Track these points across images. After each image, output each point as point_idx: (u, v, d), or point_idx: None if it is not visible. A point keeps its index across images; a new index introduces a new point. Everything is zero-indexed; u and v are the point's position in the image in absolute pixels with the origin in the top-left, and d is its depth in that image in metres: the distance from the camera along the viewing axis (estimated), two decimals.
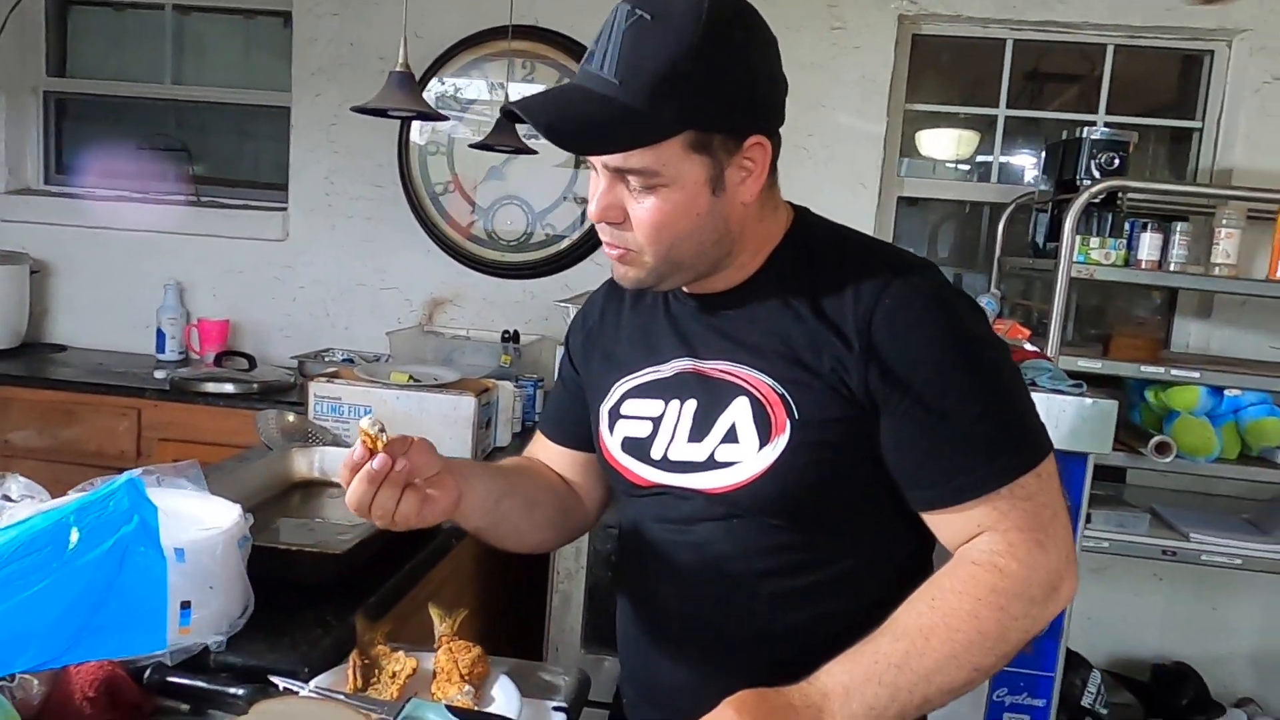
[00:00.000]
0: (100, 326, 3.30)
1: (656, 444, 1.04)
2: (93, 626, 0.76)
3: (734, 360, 1.00)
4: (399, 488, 0.94)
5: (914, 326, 0.93)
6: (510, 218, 3.11)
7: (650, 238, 0.94)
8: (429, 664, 1.10)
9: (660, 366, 1.06)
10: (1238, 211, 2.35)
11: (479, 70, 3.05)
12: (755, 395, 0.97)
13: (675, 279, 1.00)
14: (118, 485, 0.76)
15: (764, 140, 0.95)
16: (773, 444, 0.95)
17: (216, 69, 3.40)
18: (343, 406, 2.03)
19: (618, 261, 0.99)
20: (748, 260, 1.02)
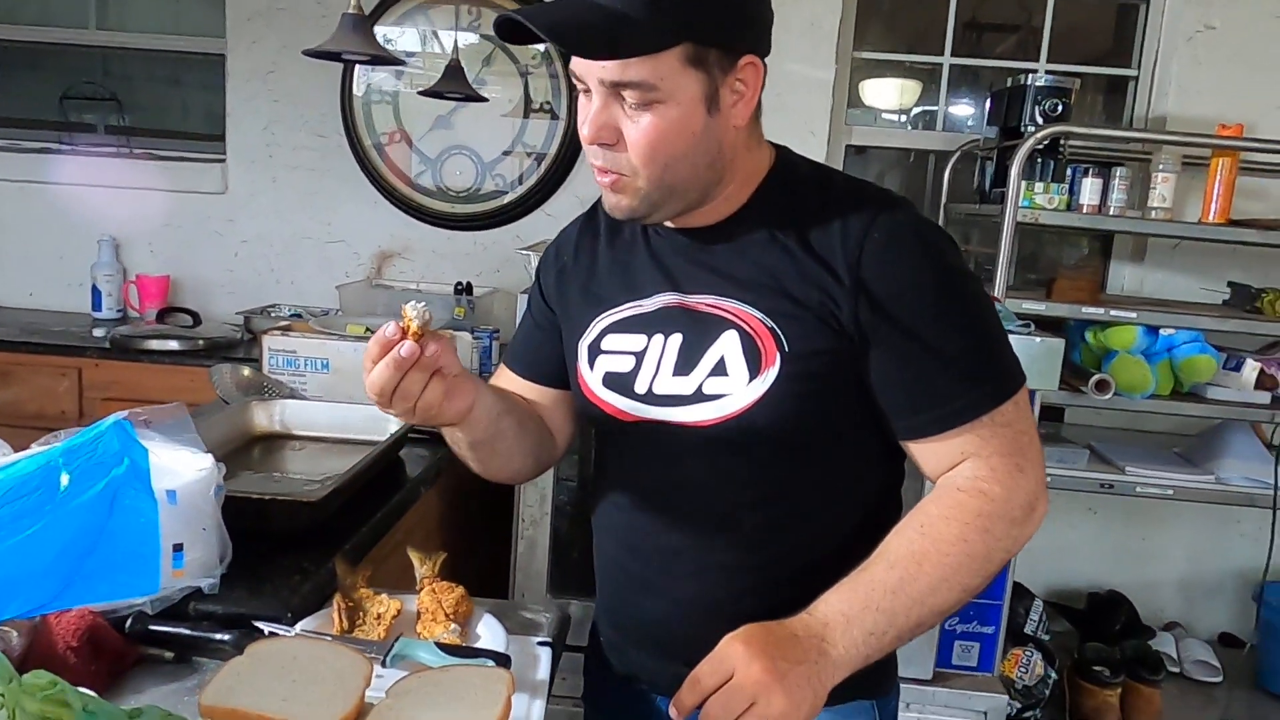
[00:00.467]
0: (30, 284, 3.18)
1: (640, 378, 1.03)
2: (84, 571, 0.75)
3: (721, 294, 1.00)
4: (427, 374, 0.91)
5: (902, 260, 0.95)
6: (459, 168, 3.06)
7: (645, 157, 0.93)
8: (412, 605, 1.11)
9: (642, 301, 1.05)
10: (1173, 157, 2.43)
11: (423, 18, 2.98)
12: (744, 328, 0.97)
13: (667, 207, 0.99)
14: (105, 427, 0.74)
15: (756, 61, 0.95)
16: (762, 376, 0.96)
17: (145, 14, 3.26)
18: (298, 360, 2.00)
19: (609, 189, 0.98)
20: (734, 193, 1.02)
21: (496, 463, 1.13)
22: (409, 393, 0.90)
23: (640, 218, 1.00)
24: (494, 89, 2.99)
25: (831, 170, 1.07)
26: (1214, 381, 2.50)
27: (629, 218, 1.00)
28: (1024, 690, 2.39)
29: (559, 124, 3.01)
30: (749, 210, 1.02)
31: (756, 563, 1.03)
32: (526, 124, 3.03)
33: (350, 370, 1.98)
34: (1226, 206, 2.43)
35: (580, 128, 0.96)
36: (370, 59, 1.81)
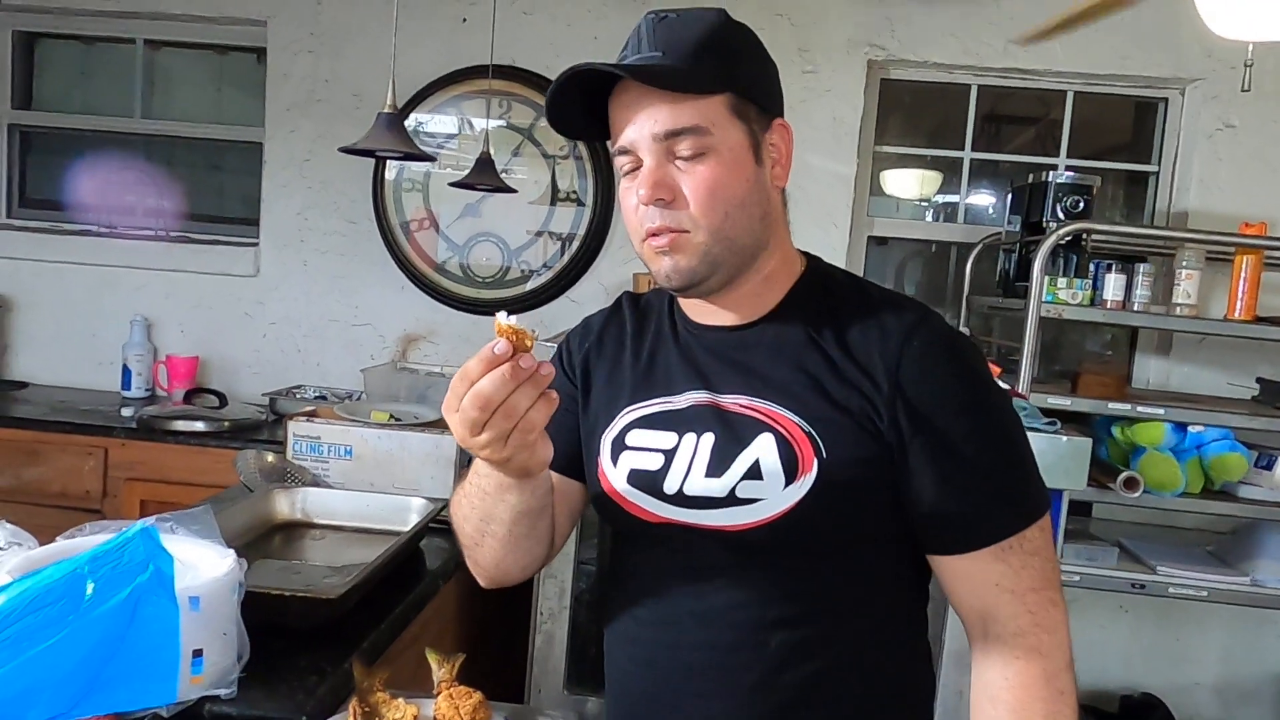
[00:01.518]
0: (64, 363, 3.24)
1: (670, 477, 0.99)
2: (104, 679, 0.75)
3: (757, 395, 0.98)
4: (538, 391, 0.84)
5: (939, 370, 0.95)
6: (486, 254, 3.12)
7: (706, 205, 0.93)
8: (428, 710, 1.09)
9: (673, 398, 1.03)
10: (1196, 253, 2.43)
11: (454, 108, 3.07)
12: (781, 432, 0.95)
13: (722, 271, 0.97)
14: (133, 534, 0.75)
15: (787, 125, 1.00)
16: (799, 482, 0.94)
17: (187, 104, 3.38)
18: (322, 446, 2.01)
19: (668, 252, 0.95)
20: (766, 289, 1.02)
21: (525, 546, 1.06)
22: (515, 409, 0.82)
23: (697, 282, 0.97)
24: (521, 176, 3.06)
25: (861, 279, 1.07)
26: (1245, 480, 2.46)
27: (685, 284, 0.97)
28: None
29: (585, 211, 3.07)
30: (784, 310, 1.02)
31: (782, 684, 0.99)
32: (553, 211, 3.08)
33: (372, 456, 1.98)
34: (1252, 304, 2.42)
35: (630, 198, 0.96)
36: (403, 156, 1.86)
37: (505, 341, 0.81)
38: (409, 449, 1.99)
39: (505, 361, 0.81)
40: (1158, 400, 2.48)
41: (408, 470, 1.98)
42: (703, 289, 0.98)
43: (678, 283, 0.97)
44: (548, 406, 0.84)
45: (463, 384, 0.82)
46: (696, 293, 0.99)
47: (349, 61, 3.08)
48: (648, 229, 0.95)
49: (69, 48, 3.44)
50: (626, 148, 0.95)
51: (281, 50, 3.12)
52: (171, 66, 3.39)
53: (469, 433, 0.84)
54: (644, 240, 0.97)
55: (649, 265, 0.99)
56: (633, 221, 0.98)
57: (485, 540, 1.04)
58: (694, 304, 1.05)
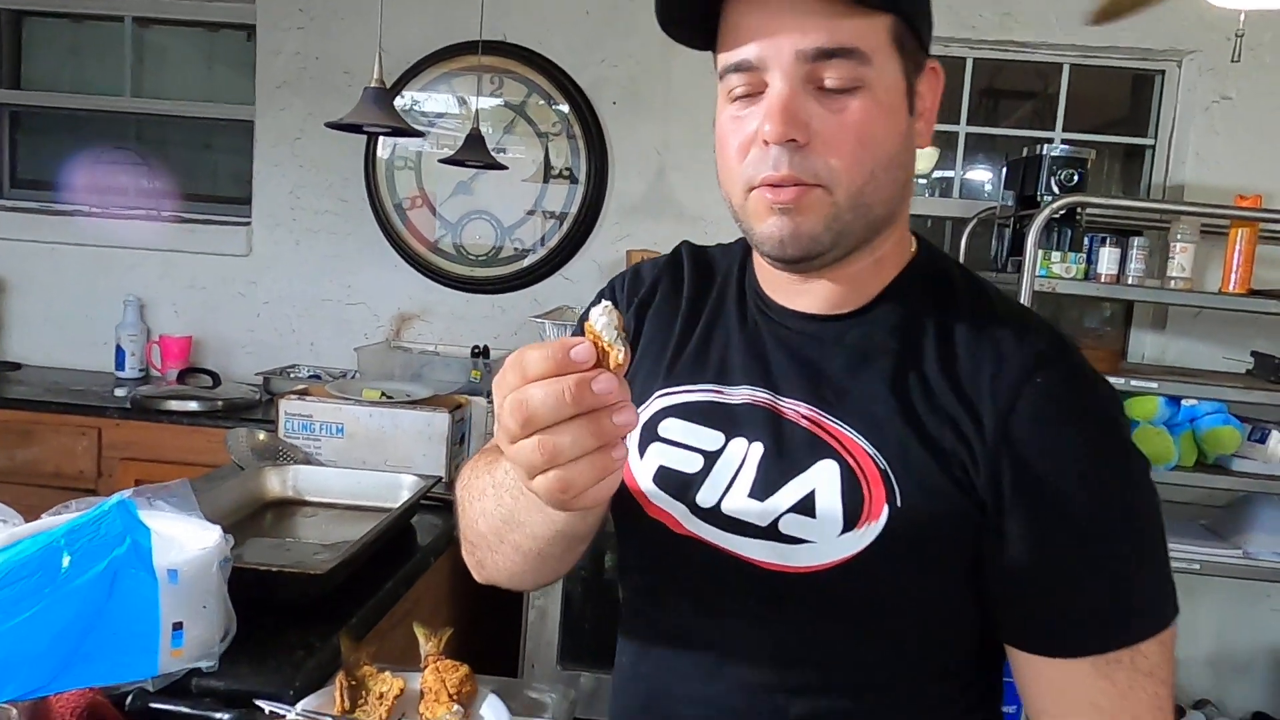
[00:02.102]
0: (57, 344, 3.23)
1: (708, 486, 0.80)
2: (83, 652, 0.75)
3: (827, 410, 0.79)
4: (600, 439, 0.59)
5: (1067, 421, 0.74)
6: (478, 232, 3.10)
7: (852, 156, 0.73)
8: (415, 684, 1.10)
9: (726, 389, 0.83)
10: (1191, 226, 2.42)
11: (445, 85, 3.05)
12: (848, 462, 0.76)
13: (844, 244, 0.76)
14: (109, 507, 0.74)
15: (939, 69, 0.79)
16: (860, 531, 0.75)
17: (177, 82, 3.35)
18: (314, 424, 2.01)
19: (791, 209, 0.74)
20: (872, 272, 0.81)
21: (553, 566, 0.85)
22: (558, 451, 0.58)
23: (815, 254, 0.76)
24: (515, 154, 3.04)
25: (985, 282, 0.85)
26: (1239, 453, 2.46)
27: (800, 254, 0.76)
28: None
29: (578, 188, 3.05)
30: (881, 305, 0.81)
31: None
32: (546, 189, 3.07)
33: (364, 434, 1.98)
34: (1247, 276, 2.41)
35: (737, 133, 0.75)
36: (391, 130, 1.84)
37: (590, 345, 0.58)
38: (401, 427, 1.99)
39: (577, 372, 0.58)
40: (1151, 374, 2.48)
41: (400, 448, 1.98)
42: (814, 264, 0.77)
43: (792, 252, 0.75)
44: (604, 464, 0.59)
45: (515, 374, 0.59)
46: (804, 268, 0.78)
47: (339, 38, 3.06)
48: (765, 177, 0.73)
49: (57, 26, 3.41)
50: (748, 63, 0.73)
51: (271, 27, 3.10)
52: (161, 44, 3.37)
53: (505, 438, 0.61)
54: (751, 190, 0.75)
55: (748, 224, 0.78)
56: (734, 165, 0.76)
57: (503, 548, 0.81)
58: (776, 277, 0.84)
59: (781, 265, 0.79)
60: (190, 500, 0.94)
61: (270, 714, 0.99)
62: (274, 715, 0.98)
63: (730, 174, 0.77)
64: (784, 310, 0.84)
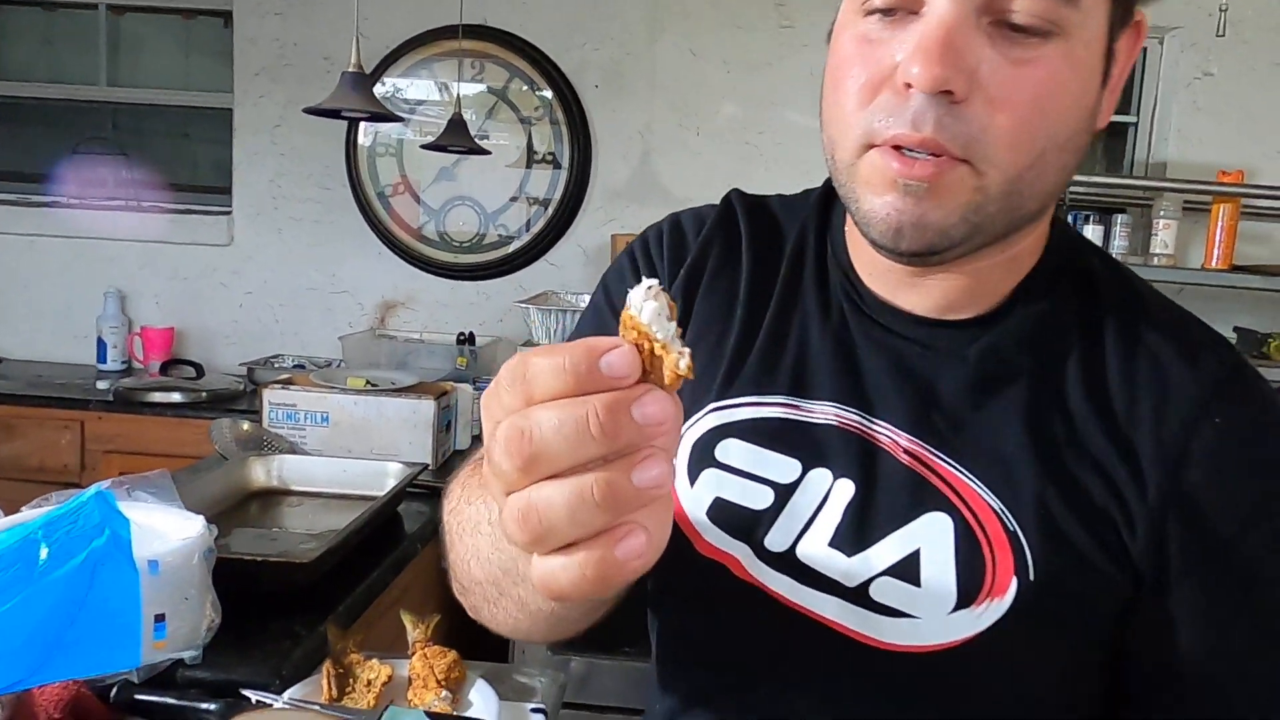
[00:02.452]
0: (38, 337, 3.20)
1: (779, 528, 0.63)
2: (63, 644, 0.74)
3: (939, 446, 0.61)
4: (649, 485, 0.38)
5: (1257, 471, 0.58)
6: (462, 219, 3.08)
7: (1025, 124, 0.54)
8: (403, 671, 1.09)
9: (807, 404, 0.65)
10: (1174, 203, 2.43)
11: (426, 70, 3.02)
12: (966, 518, 0.59)
13: (977, 240, 0.58)
14: (87, 498, 0.73)
15: (1143, 23, 0.60)
16: (977, 610, 0.58)
17: (154, 70, 3.31)
18: (298, 413, 1.99)
19: (923, 186, 0.55)
20: (999, 275, 0.63)
21: (563, 628, 0.66)
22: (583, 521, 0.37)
23: (940, 249, 0.57)
24: (497, 139, 3.02)
25: (1133, 275, 0.67)
26: None
27: (920, 249, 0.57)
28: None
29: (561, 174, 3.03)
30: (1015, 310, 0.63)
31: None
32: (529, 174, 3.05)
33: (349, 423, 1.97)
34: (1229, 252, 2.43)
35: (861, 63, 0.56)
36: (369, 116, 1.83)
37: (630, 350, 0.38)
38: (386, 415, 1.98)
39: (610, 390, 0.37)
40: None
41: (385, 436, 1.97)
42: (932, 260, 0.59)
43: (909, 245, 0.57)
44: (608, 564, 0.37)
45: (515, 391, 0.38)
46: (918, 262, 0.60)
47: (318, 24, 3.02)
48: (895, 135, 0.54)
49: (30, 14, 3.35)
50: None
51: (248, 14, 3.06)
52: (136, 32, 3.32)
53: (498, 485, 0.39)
54: (870, 149, 0.56)
55: (854, 193, 0.58)
56: (849, 108, 0.56)
57: (504, 603, 0.63)
58: (877, 261, 0.64)
59: (889, 256, 0.60)
60: (170, 491, 0.94)
61: (257, 703, 0.98)
62: (260, 705, 0.97)
63: (841, 119, 0.57)
64: (885, 307, 0.65)
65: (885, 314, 0.65)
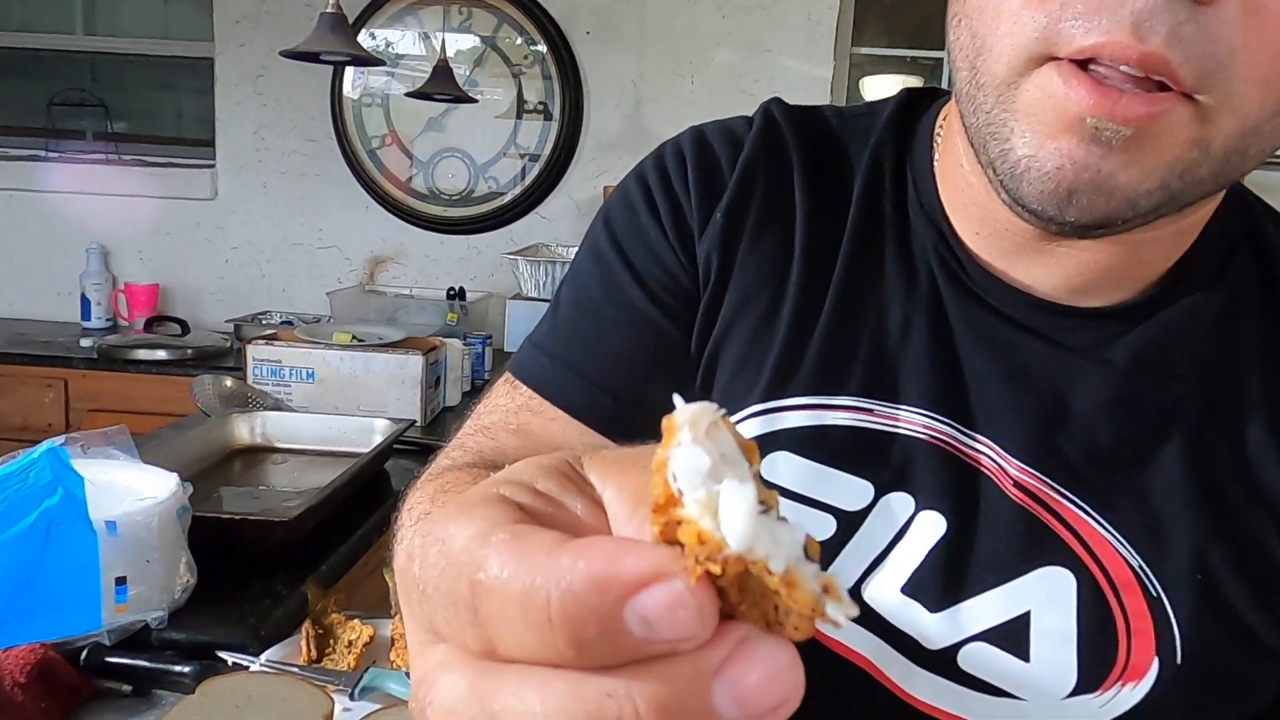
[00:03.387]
0: (19, 294, 3.13)
1: (844, 562, 0.49)
2: (19, 608, 0.70)
3: (1071, 485, 0.47)
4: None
5: None
6: (451, 171, 3.01)
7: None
8: (386, 631, 1.06)
9: (886, 409, 0.50)
10: None
11: (413, 18, 2.93)
12: (1095, 577, 0.46)
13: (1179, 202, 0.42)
14: (38, 455, 0.69)
15: None
16: (1104, 696, 0.46)
17: (132, 18, 3.21)
18: (283, 369, 1.95)
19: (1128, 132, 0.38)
20: (1161, 250, 0.48)
21: None
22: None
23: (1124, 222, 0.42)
24: (487, 90, 2.94)
25: None
26: None
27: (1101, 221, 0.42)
28: None
29: (552, 125, 2.96)
30: (1178, 297, 0.48)
31: None
32: (519, 125, 2.97)
33: (335, 379, 1.93)
34: None
35: None
36: (350, 59, 1.76)
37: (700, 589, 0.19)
38: (373, 370, 1.94)
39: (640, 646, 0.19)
40: None
41: (372, 392, 1.93)
42: (1109, 231, 0.43)
43: (1082, 214, 0.41)
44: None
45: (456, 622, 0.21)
46: (1081, 235, 0.45)
47: None
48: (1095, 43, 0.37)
49: None
50: None
51: None
52: None
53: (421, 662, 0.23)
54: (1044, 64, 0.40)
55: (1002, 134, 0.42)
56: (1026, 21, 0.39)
57: None
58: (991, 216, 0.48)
59: (1038, 223, 0.44)
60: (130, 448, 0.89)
61: (233, 666, 0.95)
62: (236, 667, 0.94)
63: (997, 17, 0.40)
64: (997, 283, 0.49)
65: (996, 292, 0.49)
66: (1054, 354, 0.48)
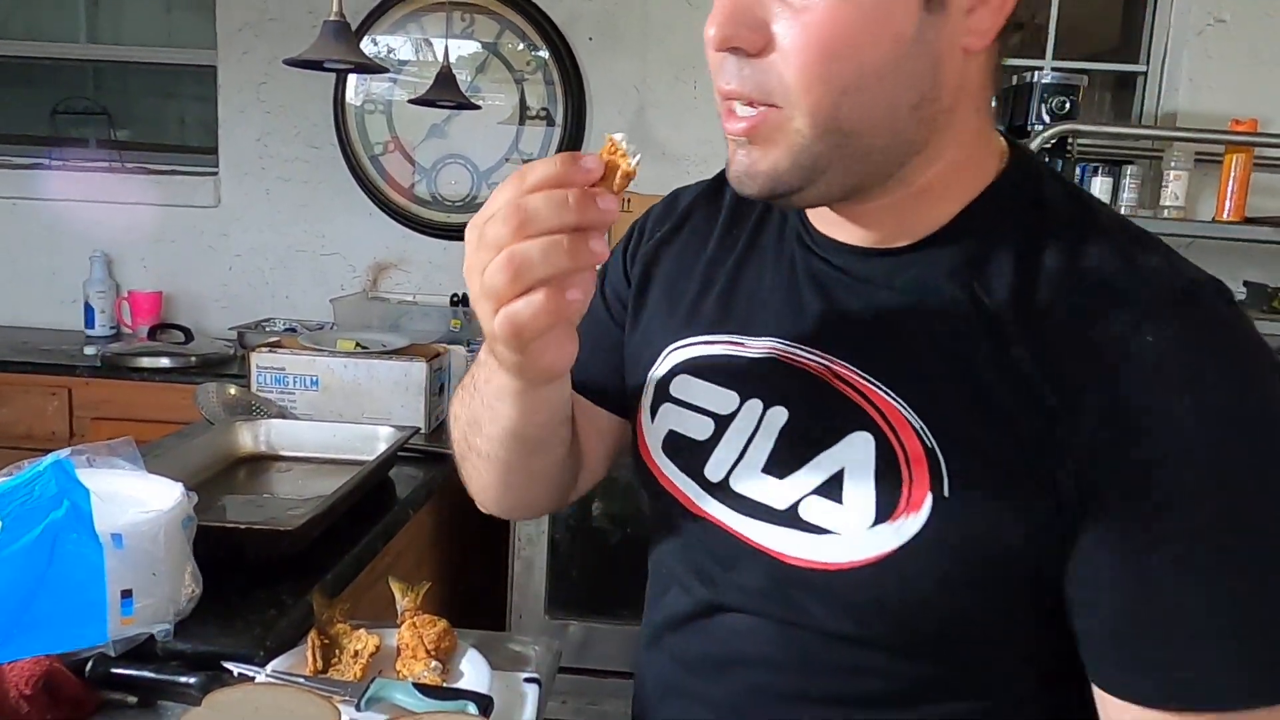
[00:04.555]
0: (23, 303, 3.14)
1: (716, 458, 0.69)
2: (25, 622, 0.70)
3: (866, 366, 0.64)
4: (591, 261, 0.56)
5: (1202, 395, 0.54)
6: (454, 177, 3.01)
7: (813, 71, 0.57)
8: (392, 640, 1.06)
9: (746, 340, 0.70)
10: (1185, 154, 2.37)
11: (415, 25, 2.94)
12: (886, 436, 0.61)
13: (830, 180, 0.61)
14: (43, 468, 0.69)
15: None
16: (895, 524, 0.60)
17: (135, 27, 3.22)
18: (287, 377, 1.95)
19: (745, 141, 0.61)
20: (939, 194, 0.64)
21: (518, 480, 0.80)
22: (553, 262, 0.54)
23: (783, 193, 0.62)
24: (489, 96, 2.94)
25: (1093, 200, 0.66)
26: None
27: (765, 192, 0.62)
28: None
29: (555, 131, 2.96)
30: (952, 236, 0.64)
31: None
32: (522, 131, 2.97)
33: (339, 387, 1.93)
34: (1241, 204, 2.36)
35: (707, 30, 0.60)
36: (353, 67, 1.76)
37: (598, 159, 0.56)
38: (377, 378, 1.93)
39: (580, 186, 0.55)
40: None
41: (377, 400, 1.93)
42: (797, 200, 0.63)
43: (751, 191, 0.62)
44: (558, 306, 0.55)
45: (507, 190, 0.56)
46: (796, 203, 0.67)
47: None
48: (720, 88, 0.61)
49: None
50: None
51: None
52: None
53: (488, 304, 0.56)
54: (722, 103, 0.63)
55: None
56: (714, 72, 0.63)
57: (470, 456, 0.80)
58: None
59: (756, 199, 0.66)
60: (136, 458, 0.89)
61: (239, 676, 0.94)
62: (242, 678, 0.93)
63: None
64: (828, 242, 0.68)
65: (828, 249, 0.69)
66: (859, 285, 0.67)
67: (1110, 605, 0.57)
